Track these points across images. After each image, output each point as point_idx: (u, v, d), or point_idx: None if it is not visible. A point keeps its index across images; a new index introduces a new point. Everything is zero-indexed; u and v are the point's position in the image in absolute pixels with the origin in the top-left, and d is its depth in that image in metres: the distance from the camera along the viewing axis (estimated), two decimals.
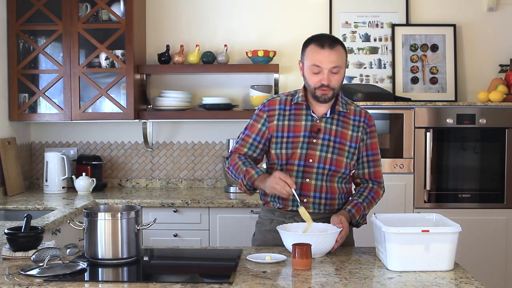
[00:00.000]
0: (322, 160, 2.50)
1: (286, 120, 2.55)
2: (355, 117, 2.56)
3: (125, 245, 2.21)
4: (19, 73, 4.13)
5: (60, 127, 4.46)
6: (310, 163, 2.51)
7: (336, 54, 2.43)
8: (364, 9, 4.36)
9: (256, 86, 4.19)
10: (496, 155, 3.84)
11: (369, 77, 4.35)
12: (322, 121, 2.53)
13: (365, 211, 2.55)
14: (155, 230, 3.45)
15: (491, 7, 4.29)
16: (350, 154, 2.53)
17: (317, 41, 2.47)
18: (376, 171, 2.61)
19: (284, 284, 1.99)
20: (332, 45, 2.44)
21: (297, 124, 2.53)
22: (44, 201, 3.74)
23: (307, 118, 2.53)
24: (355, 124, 2.55)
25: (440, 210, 3.69)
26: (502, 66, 4.28)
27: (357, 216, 2.52)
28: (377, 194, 2.62)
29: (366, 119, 2.58)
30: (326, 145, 2.51)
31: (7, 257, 2.28)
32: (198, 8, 4.41)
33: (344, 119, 2.55)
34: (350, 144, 2.53)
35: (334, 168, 2.51)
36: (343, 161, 2.51)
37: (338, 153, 2.51)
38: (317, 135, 2.51)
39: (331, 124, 2.53)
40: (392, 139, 3.87)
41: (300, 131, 2.52)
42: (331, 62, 2.42)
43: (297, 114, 2.55)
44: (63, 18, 4.07)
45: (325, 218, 2.52)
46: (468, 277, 2.07)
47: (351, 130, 2.54)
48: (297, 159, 2.51)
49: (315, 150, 2.50)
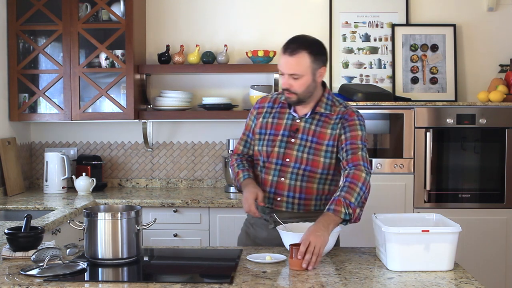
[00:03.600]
0: (299, 160, 2.49)
1: (270, 117, 2.58)
2: (336, 116, 2.52)
3: (125, 245, 2.21)
4: (19, 73, 4.13)
5: (60, 127, 4.46)
6: (287, 162, 2.51)
7: (295, 61, 2.40)
8: (364, 9, 4.36)
9: (256, 86, 4.19)
10: (496, 155, 3.84)
11: (369, 77, 4.35)
12: (302, 120, 2.53)
13: (347, 200, 2.30)
14: (155, 230, 3.45)
15: (491, 7, 4.29)
16: (329, 153, 2.49)
17: (285, 45, 2.46)
18: (353, 155, 2.43)
19: (284, 284, 1.99)
20: (293, 52, 2.41)
21: (280, 122, 2.55)
22: (44, 201, 3.74)
23: (289, 117, 2.55)
24: (335, 122, 2.51)
25: (440, 210, 3.69)
26: (502, 66, 4.28)
27: (340, 208, 2.28)
28: (355, 176, 2.37)
29: (346, 115, 2.50)
30: (303, 145, 2.50)
31: (7, 257, 2.28)
32: (198, 8, 4.41)
33: (325, 119, 2.52)
34: (328, 143, 2.49)
35: (310, 168, 2.49)
36: (320, 161, 2.49)
37: (314, 153, 2.49)
38: (295, 134, 2.51)
39: (311, 124, 2.52)
40: (392, 139, 3.87)
41: (280, 130, 2.54)
42: (288, 69, 2.42)
43: (281, 113, 2.57)
44: (63, 18, 4.07)
45: (300, 218, 2.53)
46: (468, 277, 2.07)
47: (331, 129, 2.50)
48: (275, 158, 2.52)
49: (292, 149, 2.50)
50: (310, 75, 2.43)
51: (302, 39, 2.47)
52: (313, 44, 2.46)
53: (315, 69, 2.44)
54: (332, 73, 4.34)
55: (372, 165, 3.83)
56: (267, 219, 2.56)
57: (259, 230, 2.61)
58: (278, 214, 2.54)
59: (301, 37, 2.48)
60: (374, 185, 3.78)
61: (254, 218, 2.64)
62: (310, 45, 2.44)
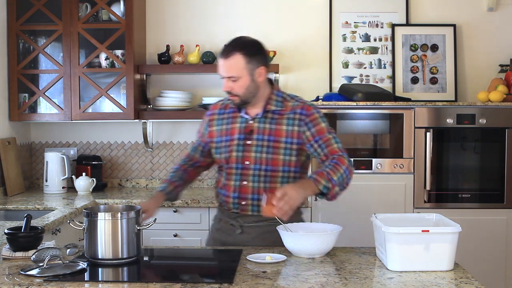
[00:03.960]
0: (258, 161, 2.48)
1: (224, 124, 2.57)
2: (290, 112, 2.50)
3: (125, 245, 2.20)
4: (19, 73, 4.13)
5: (60, 127, 4.46)
6: (247, 165, 2.49)
7: (229, 63, 2.41)
8: (364, 9, 4.36)
9: None
10: (496, 155, 3.84)
11: (369, 77, 4.35)
12: (255, 121, 2.51)
13: (330, 175, 2.35)
14: (155, 230, 3.45)
15: (491, 7, 4.29)
16: (288, 150, 2.47)
17: (222, 48, 2.47)
18: (330, 149, 2.46)
19: (284, 284, 1.99)
20: (227, 55, 2.42)
21: (233, 127, 2.54)
22: (44, 201, 3.74)
23: (241, 120, 2.53)
24: (290, 117, 2.49)
25: (440, 210, 3.70)
26: (502, 66, 4.28)
27: (321, 180, 2.33)
28: (340, 160, 2.42)
29: (304, 111, 2.49)
30: (260, 145, 2.48)
31: (7, 257, 2.28)
32: (198, 8, 4.41)
33: (278, 116, 2.50)
34: (286, 140, 2.47)
35: (271, 168, 2.48)
36: (279, 159, 2.47)
37: (273, 152, 2.47)
38: (251, 136, 2.50)
39: (264, 123, 2.50)
40: (392, 139, 3.87)
41: (235, 134, 2.52)
42: (224, 72, 2.43)
43: (233, 117, 2.56)
44: (63, 18, 4.07)
45: (267, 221, 2.50)
46: (468, 277, 2.07)
47: (286, 125, 2.48)
48: (234, 162, 2.51)
49: (250, 151, 2.49)
50: (248, 75, 2.42)
51: (237, 41, 2.48)
52: (248, 45, 2.47)
53: (252, 69, 2.43)
54: (332, 73, 4.34)
55: (372, 165, 3.83)
56: (234, 224, 2.55)
57: (226, 236, 2.59)
58: (245, 218, 2.53)
59: (236, 39, 2.49)
60: (374, 185, 3.82)
61: (220, 223, 2.63)
62: (244, 46, 2.45)
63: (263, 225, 2.53)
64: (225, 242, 2.57)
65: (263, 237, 2.53)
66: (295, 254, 2.32)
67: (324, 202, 3.81)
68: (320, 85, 4.36)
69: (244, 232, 2.54)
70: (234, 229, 2.56)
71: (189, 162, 2.72)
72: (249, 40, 2.51)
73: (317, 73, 4.38)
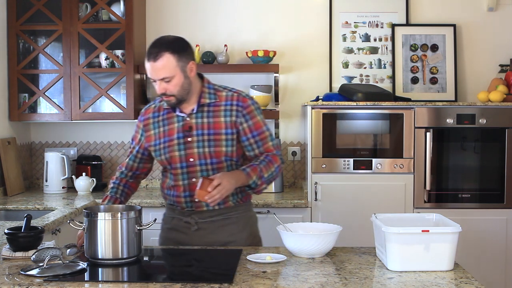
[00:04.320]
0: (202, 156, 2.48)
1: (161, 126, 2.56)
2: (226, 103, 2.51)
3: (125, 245, 2.20)
4: (19, 73, 4.13)
5: (60, 127, 4.46)
6: (191, 162, 2.50)
7: (161, 65, 2.38)
8: (364, 9, 4.36)
9: (256, 86, 4.19)
10: (496, 155, 3.84)
11: (369, 77, 4.35)
12: (191, 117, 2.51)
13: (262, 172, 2.45)
14: (155, 230, 3.44)
15: (491, 7, 4.29)
16: (229, 141, 2.49)
17: (147, 52, 2.43)
18: (266, 147, 2.53)
19: (284, 284, 1.99)
20: (156, 57, 2.38)
21: (171, 127, 2.53)
22: (44, 201, 3.74)
23: (178, 119, 2.52)
24: (227, 109, 2.50)
25: (440, 210, 3.70)
26: (502, 66, 4.28)
27: (253, 175, 2.43)
28: (274, 159, 2.51)
29: (240, 102, 2.51)
30: (201, 140, 2.48)
31: (7, 257, 2.28)
32: (198, 8, 4.41)
33: (214, 108, 2.51)
34: (226, 131, 2.48)
35: (216, 160, 2.48)
36: (222, 151, 2.48)
37: (215, 145, 2.48)
38: (190, 133, 2.49)
39: (202, 117, 2.50)
40: (392, 139, 3.87)
41: (174, 134, 2.51)
42: (157, 75, 2.39)
43: (169, 118, 2.55)
44: (63, 18, 4.07)
45: (221, 215, 2.54)
46: (468, 277, 2.07)
47: (224, 117, 2.49)
48: (178, 162, 2.51)
49: (192, 148, 2.49)
50: (181, 73, 2.42)
51: (162, 41, 2.45)
52: (174, 43, 2.45)
53: (183, 66, 2.43)
54: (332, 73, 4.34)
55: (372, 165, 3.83)
56: (189, 221, 2.55)
57: (181, 234, 2.58)
58: (199, 214, 2.54)
59: (160, 40, 2.46)
60: (374, 185, 3.82)
61: (172, 222, 2.62)
62: (170, 45, 2.43)
63: (219, 220, 2.55)
64: (181, 240, 2.57)
65: (219, 232, 2.54)
66: (295, 254, 2.32)
67: (324, 202, 3.81)
68: (320, 85, 4.36)
69: (200, 228, 2.55)
70: (190, 227, 2.55)
71: (128, 174, 2.70)
72: (174, 37, 2.49)
73: (317, 73, 4.38)
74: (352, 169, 3.83)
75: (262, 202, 3.75)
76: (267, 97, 4.19)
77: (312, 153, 3.83)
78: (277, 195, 3.98)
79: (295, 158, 4.38)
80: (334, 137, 3.86)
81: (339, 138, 3.87)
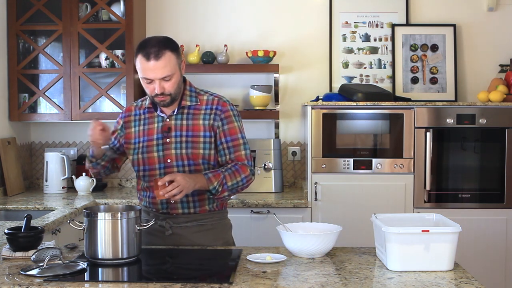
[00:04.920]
0: (179, 157, 2.47)
1: (141, 125, 2.56)
2: (206, 106, 2.52)
3: (125, 245, 2.20)
4: (19, 73, 4.13)
5: (60, 127, 4.46)
6: (169, 164, 2.49)
7: (163, 63, 2.37)
8: (364, 9, 4.36)
9: (256, 86, 4.19)
10: (496, 155, 3.84)
11: (369, 77, 4.35)
12: (171, 119, 2.50)
13: (225, 179, 2.42)
14: None
15: (491, 7, 4.29)
16: (207, 144, 2.48)
17: (143, 52, 2.39)
18: (238, 155, 2.50)
19: (284, 284, 1.99)
20: (157, 55, 2.37)
21: (151, 127, 2.53)
22: (44, 201, 3.74)
23: (158, 120, 2.52)
24: (207, 112, 2.50)
25: (440, 210, 3.70)
26: (502, 66, 4.28)
27: (214, 181, 2.39)
28: (243, 168, 2.47)
29: (219, 106, 2.51)
30: (179, 141, 2.48)
31: (7, 257, 2.28)
32: (198, 8, 4.41)
33: (194, 111, 2.51)
34: (205, 134, 2.48)
35: (193, 162, 2.47)
36: (199, 153, 2.47)
37: (192, 147, 2.47)
38: (169, 134, 2.49)
39: (181, 119, 2.50)
40: (392, 139, 3.87)
41: (153, 134, 2.51)
42: (159, 74, 2.38)
43: (150, 118, 2.55)
44: (63, 18, 4.07)
45: (197, 221, 2.52)
46: (468, 277, 2.07)
47: (203, 119, 2.49)
48: (156, 163, 2.50)
49: (170, 149, 2.48)
50: (178, 71, 2.43)
51: (158, 40, 2.42)
52: (170, 41, 2.45)
53: (180, 64, 2.45)
54: (332, 73, 4.34)
55: (372, 165, 3.83)
56: (164, 225, 2.53)
57: (154, 238, 2.55)
58: (174, 219, 2.52)
59: (154, 39, 2.43)
60: (374, 185, 3.82)
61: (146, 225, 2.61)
62: (167, 43, 2.42)
63: (194, 226, 2.53)
64: (155, 244, 2.53)
65: (193, 238, 2.53)
66: (295, 254, 2.32)
67: (324, 202, 3.81)
68: (320, 85, 4.36)
69: (175, 233, 2.53)
70: (164, 231, 2.53)
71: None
72: (165, 37, 2.48)
73: (317, 73, 4.38)
74: (352, 169, 3.83)
75: (262, 202, 3.75)
76: (267, 97, 4.20)
77: (312, 153, 3.83)
78: (277, 195, 3.98)
79: (295, 158, 4.38)
80: (334, 137, 3.86)
81: (339, 138, 3.88)
